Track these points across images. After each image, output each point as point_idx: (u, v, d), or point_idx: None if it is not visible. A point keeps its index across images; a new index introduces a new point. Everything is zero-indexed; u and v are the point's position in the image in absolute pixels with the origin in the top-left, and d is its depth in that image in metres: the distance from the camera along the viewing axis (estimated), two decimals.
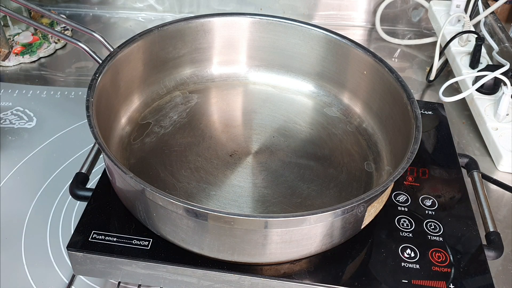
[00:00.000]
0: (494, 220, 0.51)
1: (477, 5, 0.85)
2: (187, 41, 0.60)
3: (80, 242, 0.44)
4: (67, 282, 0.50)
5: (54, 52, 0.85)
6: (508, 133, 0.66)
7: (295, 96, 0.63)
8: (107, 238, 0.45)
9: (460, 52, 0.79)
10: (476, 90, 0.71)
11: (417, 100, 0.51)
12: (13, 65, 0.81)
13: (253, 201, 0.50)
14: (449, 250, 0.46)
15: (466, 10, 0.84)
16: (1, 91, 0.75)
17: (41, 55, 0.83)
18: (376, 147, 0.56)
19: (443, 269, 0.45)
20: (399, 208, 0.50)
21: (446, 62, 0.83)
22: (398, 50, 0.90)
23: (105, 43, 0.55)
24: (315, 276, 0.43)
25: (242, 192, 0.50)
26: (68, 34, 0.86)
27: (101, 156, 0.56)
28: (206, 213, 0.39)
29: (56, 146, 0.66)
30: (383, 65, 0.54)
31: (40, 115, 0.71)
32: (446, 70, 0.83)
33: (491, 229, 0.50)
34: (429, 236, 0.47)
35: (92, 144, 0.58)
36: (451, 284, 0.43)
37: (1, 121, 0.69)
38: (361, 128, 0.59)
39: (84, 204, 0.48)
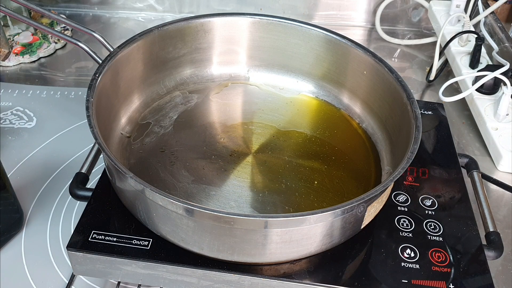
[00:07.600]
0: (494, 220, 0.51)
1: (477, 5, 0.85)
2: (187, 41, 0.60)
3: (80, 242, 0.44)
4: (67, 282, 0.50)
5: (54, 52, 0.85)
6: (508, 133, 0.66)
7: (295, 96, 0.63)
8: (107, 238, 0.45)
9: (460, 52, 0.79)
10: (476, 90, 0.71)
11: (417, 100, 0.51)
12: (13, 65, 0.81)
13: (253, 201, 0.50)
14: (449, 250, 0.46)
15: (466, 10, 0.84)
16: (1, 91, 0.75)
17: (41, 55, 0.83)
18: (376, 147, 0.56)
19: (443, 269, 0.45)
20: (399, 208, 0.50)
21: (446, 62, 0.83)
22: (398, 50, 0.90)
23: (105, 43, 0.55)
24: (315, 276, 0.43)
25: (242, 192, 0.50)
26: (68, 34, 0.86)
27: (101, 156, 0.56)
28: (206, 213, 0.39)
29: (56, 146, 0.66)
30: (383, 65, 0.54)
31: (40, 115, 0.71)
32: (446, 70, 0.83)
33: (491, 229, 0.50)
34: (429, 236, 0.47)
35: (92, 144, 0.58)
36: (451, 284, 0.43)
37: (1, 121, 0.69)
38: (361, 128, 0.59)
39: (84, 204, 0.48)
